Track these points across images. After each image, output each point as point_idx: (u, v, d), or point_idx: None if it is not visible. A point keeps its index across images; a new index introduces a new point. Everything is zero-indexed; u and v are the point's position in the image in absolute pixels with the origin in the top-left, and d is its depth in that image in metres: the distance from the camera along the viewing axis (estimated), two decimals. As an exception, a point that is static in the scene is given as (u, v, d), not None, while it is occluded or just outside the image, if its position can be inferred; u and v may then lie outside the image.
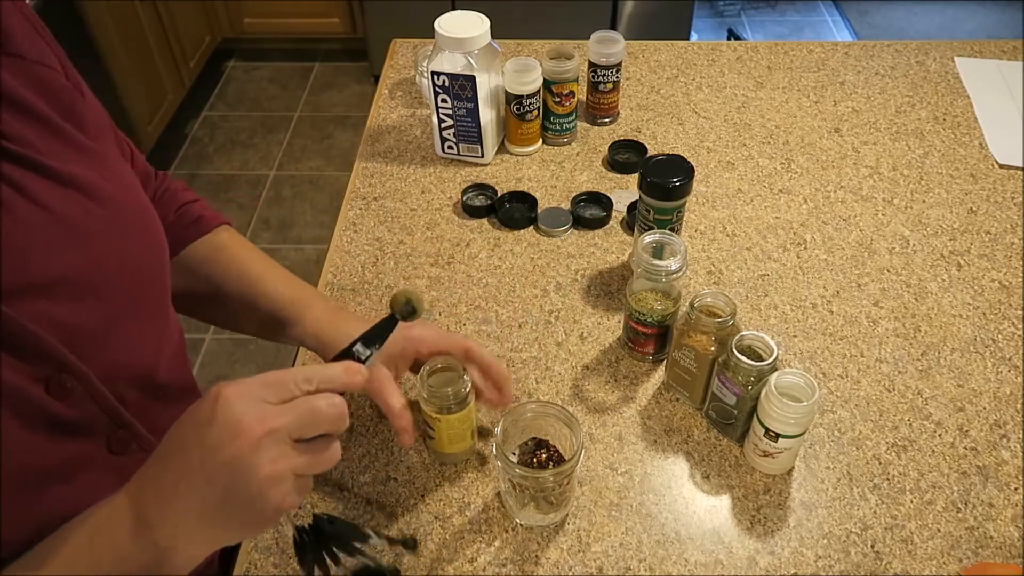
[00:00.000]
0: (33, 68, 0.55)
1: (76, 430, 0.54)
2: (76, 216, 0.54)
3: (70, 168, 0.54)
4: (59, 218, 0.53)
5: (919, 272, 1.01)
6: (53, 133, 0.55)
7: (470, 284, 1.01)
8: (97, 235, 0.55)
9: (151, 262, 0.61)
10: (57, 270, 0.52)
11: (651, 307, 0.86)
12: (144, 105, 2.53)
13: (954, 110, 1.28)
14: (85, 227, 0.54)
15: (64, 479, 0.54)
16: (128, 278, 0.58)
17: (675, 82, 1.36)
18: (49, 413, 0.52)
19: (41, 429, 0.52)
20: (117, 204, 0.58)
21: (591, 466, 0.81)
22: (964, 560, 0.73)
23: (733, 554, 0.74)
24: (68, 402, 0.53)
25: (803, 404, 0.72)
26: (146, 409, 0.61)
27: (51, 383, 0.52)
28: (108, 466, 0.57)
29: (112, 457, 0.58)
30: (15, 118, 0.52)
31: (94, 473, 0.56)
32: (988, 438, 0.83)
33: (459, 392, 0.74)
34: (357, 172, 1.20)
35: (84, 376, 0.54)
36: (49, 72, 0.57)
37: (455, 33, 1.05)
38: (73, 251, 0.53)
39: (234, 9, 3.02)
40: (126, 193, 0.60)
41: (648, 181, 0.90)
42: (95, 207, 0.56)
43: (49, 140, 0.54)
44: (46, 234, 0.52)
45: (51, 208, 0.52)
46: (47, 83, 0.56)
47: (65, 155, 0.55)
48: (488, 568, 0.73)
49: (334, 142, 2.89)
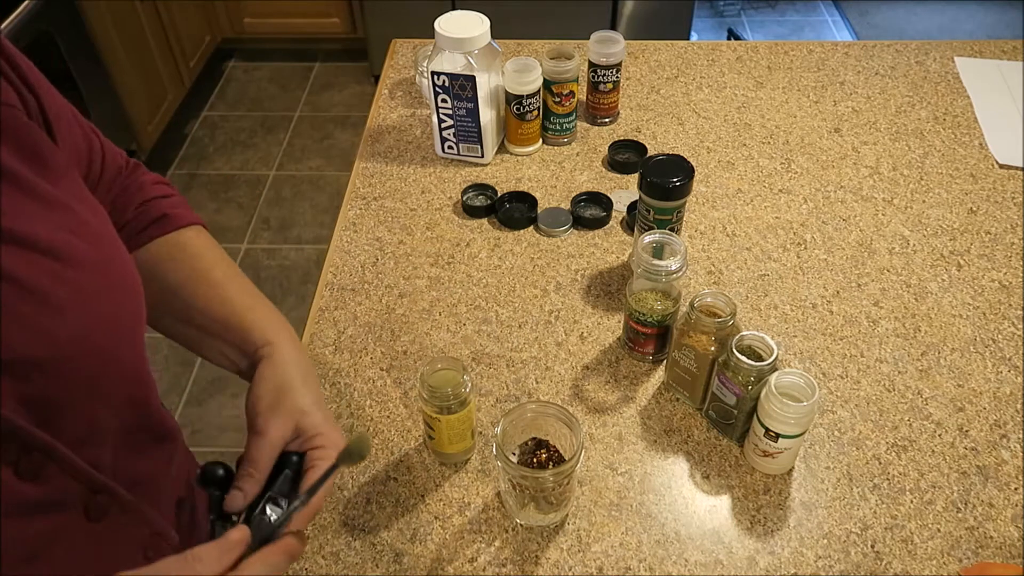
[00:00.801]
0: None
1: (51, 506, 0.50)
2: (45, 286, 0.49)
3: (36, 230, 0.50)
4: (28, 290, 0.48)
5: (919, 272, 1.01)
6: (17, 188, 0.50)
7: (470, 284, 1.01)
8: (67, 304, 0.50)
9: (126, 319, 0.57)
10: (30, 348, 0.48)
11: (651, 307, 0.86)
12: (144, 105, 2.53)
13: (954, 110, 1.28)
14: (55, 297, 0.50)
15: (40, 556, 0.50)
16: (102, 342, 0.53)
17: (675, 82, 1.36)
18: (21, 497, 0.48)
19: (13, 513, 0.48)
20: (89, 263, 0.53)
21: (591, 466, 0.81)
22: (964, 560, 0.73)
23: (733, 554, 0.74)
24: (39, 481, 0.49)
25: (803, 404, 0.72)
26: (122, 464, 0.58)
27: (19, 466, 0.48)
28: (86, 533, 0.54)
29: (91, 525, 0.54)
30: None
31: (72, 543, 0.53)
32: (988, 438, 0.83)
33: (459, 392, 0.74)
34: (357, 172, 1.20)
35: (55, 450, 0.50)
36: (9, 111, 0.52)
37: (455, 33, 1.05)
38: (42, 325, 0.49)
39: (234, 9, 3.02)
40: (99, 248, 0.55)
41: (648, 181, 0.90)
42: (64, 271, 0.51)
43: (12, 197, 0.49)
44: (15, 309, 0.47)
45: (19, 279, 0.48)
46: (7, 126, 0.51)
47: (30, 214, 0.50)
48: (488, 568, 0.73)
49: (334, 142, 2.89)
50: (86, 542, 0.54)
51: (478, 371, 0.91)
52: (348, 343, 0.94)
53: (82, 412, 0.52)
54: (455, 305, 0.99)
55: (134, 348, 0.58)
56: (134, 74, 2.45)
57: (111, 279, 0.56)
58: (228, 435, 1.97)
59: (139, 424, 0.61)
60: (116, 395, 0.56)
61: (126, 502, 0.57)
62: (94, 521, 0.54)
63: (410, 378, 0.90)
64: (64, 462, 0.51)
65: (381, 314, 0.98)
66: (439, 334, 0.95)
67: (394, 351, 0.93)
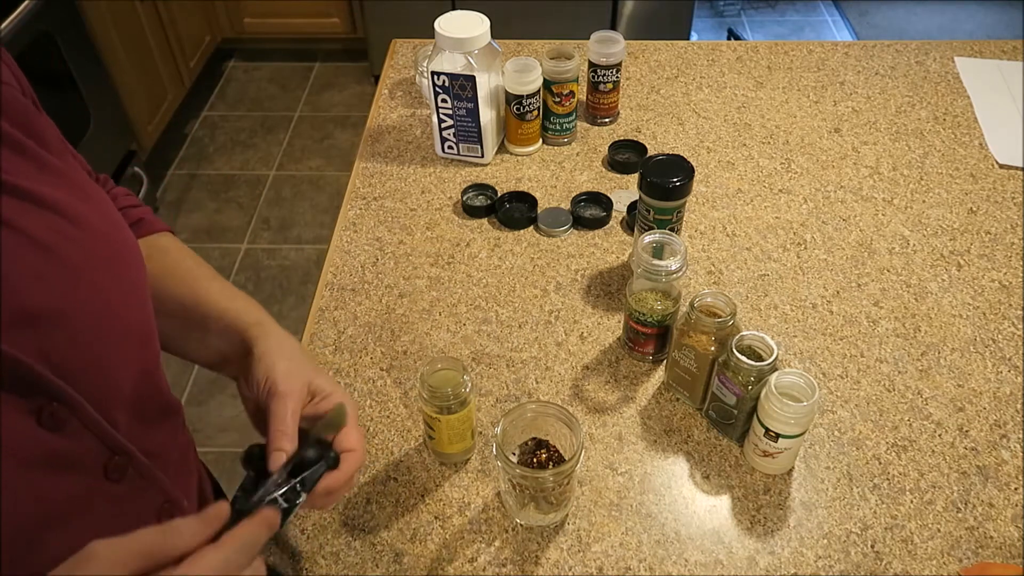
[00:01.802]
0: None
1: (72, 462, 0.52)
2: (56, 242, 0.51)
3: (44, 190, 0.52)
4: (40, 245, 0.50)
5: (919, 272, 1.01)
6: (20, 154, 0.52)
7: (470, 284, 1.01)
8: (79, 261, 0.53)
9: (133, 286, 0.59)
10: (41, 299, 0.49)
11: (651, 307, 0.86)
12: (144, 105, 2.53)
13: (954, 110, 1.28)
14: (67, 253, 0.52)
15: (62, 516, 0.51)
16: (112, 304, 0.55)
17: (675, 82, 1.36)
18: (45, 448, 0.49)
19: (37, 467, 0.49)
20: (95, 227, 0.55)
21: (591, 466, 0.81)
22: (964, 560, 0.73)
23: (733, 554, 0.74)
24: (62, 433, 0.50)
25: (803, 404, 0.72)
26: (137, 432, 0.59)
27: (43, 416, 0.49)
28: (105, 495, 0.55)
29: (110, 485, 0.55)
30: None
31: (90, 504, 0.54)
32: (988, 438, 0.83)
33: (459, 392, 0.74)
34: (357, 172, 1.20)
35: (77, 404, 0.51)
36: (10, 91, 0.54)
37: (455, 33, 1.05)
38: (54, 279, 0.51)
39: (234, 9, 3.02)
40: (103, 215, 0.57)
41: (648, 181, 0.90)
42: (74, 231, 0.53)
43: (21, 163, 0.51)
44: (26, 261, 0.49)
45: (29, 233, 0.50)
46: (11, 104, 0.53)
47: (38, 178, 0.52)
48: (488, 568, 0.73)
49: (334, 142, 2.89)
50: (104, 505, 0.55)
51: (478, 371, 0.91)
52: (348, 343, 0.94)
53: (98, 372, 0.54)
54: (455, 305, 0.99)
55: (143, 313, 0.60)
56: (134, 74, 2.45)
57: (117, 245, 0.58)
58: (228, 435, 1.96)
59: (149, 394, 0.62)
60: (128, 360, 0.58)
61: (142, 466, 0.58)
62: (113, 482, 0.56)
63: (410, 378, 0.90)
64: (85, 416, 0.52)
65: (381, 314, 0.98)
66: (439, 334, 0.95)
67: (394, 351, 0.93)
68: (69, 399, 0.51)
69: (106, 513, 0.55)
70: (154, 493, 0.61)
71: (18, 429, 0.47)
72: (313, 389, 0.65)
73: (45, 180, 0.53)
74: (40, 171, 0.53)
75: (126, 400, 0.58)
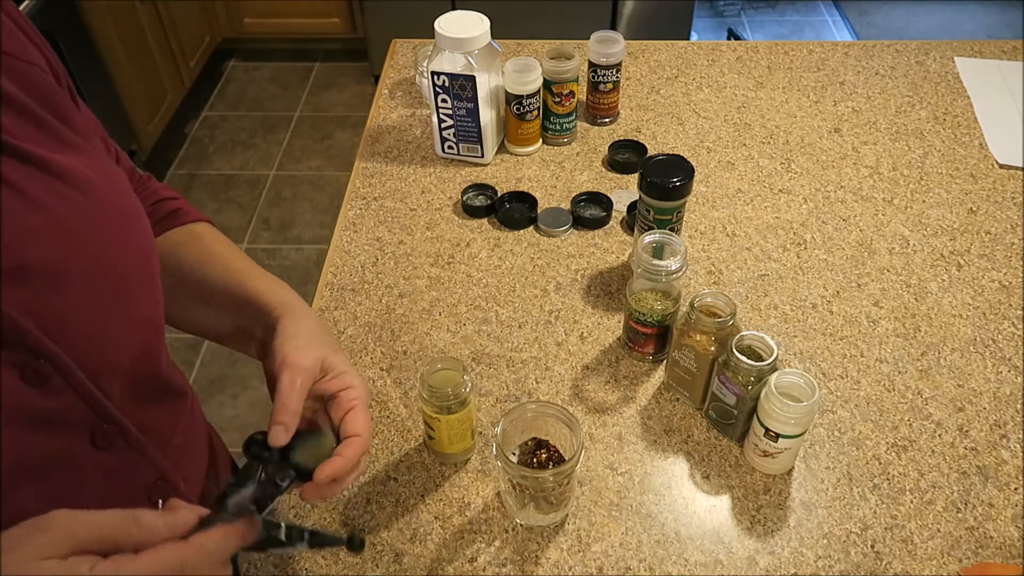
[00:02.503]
0: (19, 66, 0.55)
1: (55, 422, 0.52)
2: (56, 206, 0.52)
3: (53, 157, 0.53)
4: (40, 206, 0.51)
5: (919, 272, 1.01)
6: (38, 126, 0.54)
7: (470, 284, 1.01)
8: (79, 225, 0.54)
9: (137, 257, 0.59)
10: (33, 256, 0.50)
11: (651, 307, 0.86)
12: (144, 105, 2.53)
13: (954, 110, 1.28)
14: (67, 216, 0.53)
15: (42, 475, 0.52)
16: (109, 270, 0.56)
17: (675, 82, 1.36)
18: (24, 403, 0.50)
19: (16, 421, 0.49)
20: (102, 196, 0.56)
21: (591, 466, 0.81)
22: (964, 560, 0.73)
23: (733, 554, 0.74)
24: (45, 391, 0.51)
25: (803, 404, 0.72)
26: (133, 407, 0.59)
27: (26, 370, 0.50)
28: (92, 462, 0.55)
29: (96, 453, 0.56)
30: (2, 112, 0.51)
31: (75, 469, 0.54)
32: (988, 438, 0.83)
33: (459, 392, 0.74)
34: (357, 172, 1.20)
35: (63, 364, 0.51)
36: (36, 71, 0.56)
37: (455, 33, 1.05)
38: (49, 238, 0.51)
39: (234, 9, 3.02)
40: (112, 186, 0.59)
41: (648, 181, 0.90)
42: (79, 197, 0.54)
43: (33, 131, 0.53)
44: (24, 221, 0.50)
45: (27, 193, 0.51)
46: (34, 81, 0.55)
47: (50, 146, 0.54)
48: (488, 568, 0.73)
49: (334, 142, 2.89)
50: (91, 472, 0.55)
51: (478, 371, 0.91)
52: (348, 343, 0.94)
53: (92, 336, 0.54)
54: (455, 305, 0.99)
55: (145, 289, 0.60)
56: (134, 74, 2.45)
57: (124, 217, 0.59)
58: (228, 435, 1.95)
59: (149, 371, 0.63)
60: (127, 332, 0.58)
61: (134, 439, 0.58)
62: (100, 450, 0.56)
63: (410, 378, 0.90)
64: (72, 378, 0.52)
65: (381, 314, 0.98)
66: (439, 334, 0.95)
67: (394, 351, 0.93)
68: (55, 358, 0.51)
69: (94, 481, 0.55)
70: (146, 469, 0.61)
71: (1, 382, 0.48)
72: (327, 366, 0.64)
73: (56, 148, 0.54)
74: (53, 141, 0.54)
75: (123, 372, 0.58)
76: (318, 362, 0.63)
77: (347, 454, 0.60)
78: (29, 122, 0.53)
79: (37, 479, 0.52)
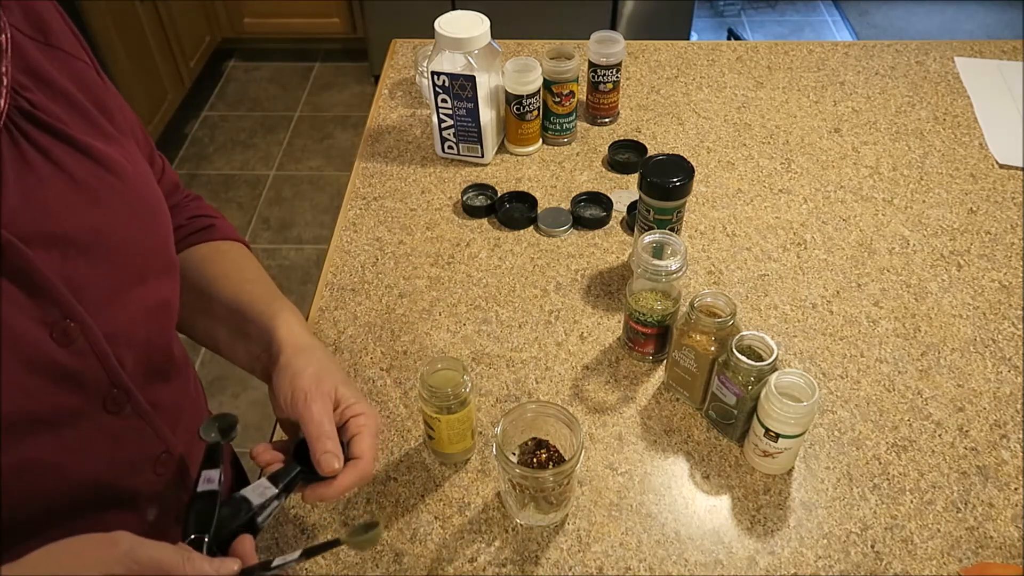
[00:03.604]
0: (69, 61, 0.61)
1: (73, 381, 0.55)
2: (92, 183, 0.58)
3: (92, 142, 0.58)
4: (77, 182, 0.56)
5: (919, 272, 1.01)
6: (81, 115, 0.59)
7: (470, 284, 1.01)
8: (110, 203, 0.59)
9: (156, 239, 0.64)
10: (70, 226, 0.55)
11: (651, 307, 0.86)
12: (144, 105, 2.53)
13: (954, 110, 1.28)
14: (99, 194, 0.58)
15: (53, 428, 0.55)
16: (134, 248, 0.60)
17: (675, 82, 1.36)
18: (50, 359, 0.53)
19: (39, 373, 0.53)
20: (130, 180, 0.61)
21: (591, 466, 0.81)
22: (964, 560, 0.73)
23: (733, 554, 0.74)
24: (70, 350, 0.54)
25: (803, 404, 0.72)
26: (142, 379, 0.63)
27: (55, 329, 0.53)
28: (100, 424, 0.59)
29: (106, 415, 0.59)
30: (48, 97, 0.57)
31: (85, 428, 0.57)
32: (988, 438, 0.83)
33: (459, 392, 0.74)
34: (357, 172, 1.20)
35: (88, 328, 0.55)
36: (82, 66, 0.62)
37: (455, 33, 1.05)
38: (86, 213, 0.57)
39: (234, 9, 3.02)
40: (140, 174, 0.63)
41: (648, 181, 0.90)
42: (111, 178, 0.59)
43: (76, 119, 0.58)
44: (63, 194, 0.55)
45: (71, 173, 0.56)
46: (80, 75, 0.61)
47: (89, 132, 0.59)
48: (488, 568, 0.73)
49: (334, 142, 2.89)
50: (100, 434, 0.59)
51: (478, 371, 0.91)
52: (348, 343, 0.94)
53: (113, 307, 0.58)
54: (455, 305, 0.99)
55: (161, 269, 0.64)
56: (134, 74, 2.45)
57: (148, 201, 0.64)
58: (228, 435, 1.96)
59: (160, 351, 0.66)
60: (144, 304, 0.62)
61: (141, 408, 0.62)
62: (111, 413, 0.59)
63: (410, 378, 0.90)
64: (94, 340, 0.56)
65: (381, 314, 0.98)
66: (439, 334, 0.95)
67: (394, 351, 0.93)
68: (82, 320, 0.55)
69: (97, 438, 0.59)
70: (152, 440, 0.64)
71: (32, 336, 0.52)
72: (338, 397, 0.67)
73: (98, 137, 0.60)
74: (97, 131, 0.60)
75: (138, 345, 0.62)
76: (331, 402, 0.66)
77: (341, 481, 0.63)
78: (78, 113, 0.59)
79: (49, 432, 0.55)
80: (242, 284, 0.75)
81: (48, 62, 0.58)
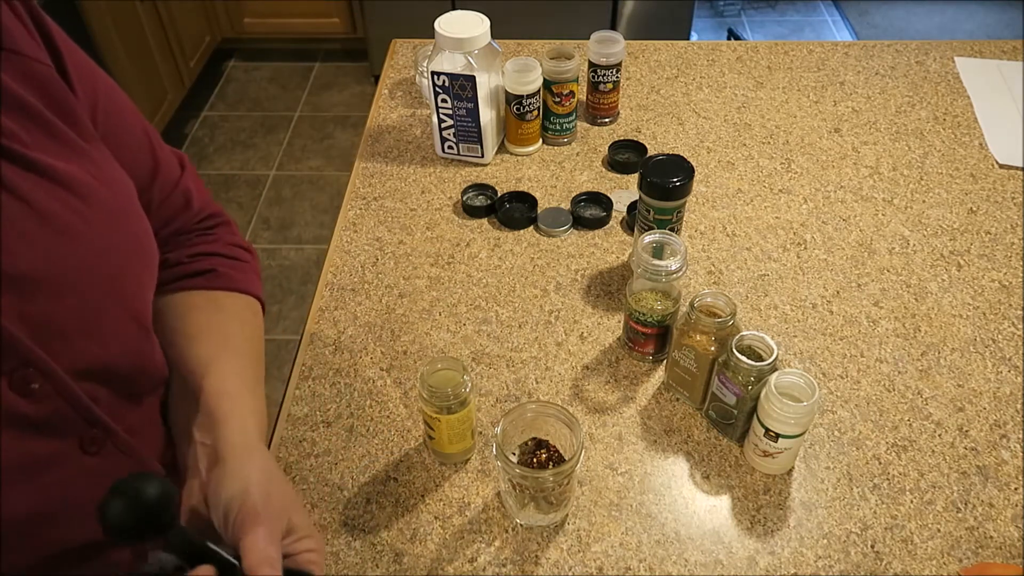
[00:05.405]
0: (27, 64, 0.55)
1: (44, 429, 0.52)
2: (56, 211, 0.52)
3: (55, 163, 0.53)
4: (38, 212, 0.51)
5: (919, 272, 1.01)
6: (43, 129, 0.54)
7: (470, 284, 1.01)
8: (76, 231, 0.54)
9: (131, 263, 0.59)
10: (28, 264, 0.51)
11: (651, 307, 0.86)
12: (144, 105, 2.53)
13: (954, 110, 1.28)
14: (64, 222, 0.53)
15: (28, 478, 0.52)
16: (105, 276, 0.56)
17: (675, 82, 1.36)
18: (13, 410, 0.50)
19: (7, 426, 0.50)
20: (102, 203, 0.56)
21: (591, 466, 0.81)
22: (964, 560, 0.73)
23: (733, 554, 0.74)
24: (32, 399, 0.51)
25: (803, 404, 0.72)
26: (118, 408, 0.60)
27: (14, 377, 0.50)
28: (80, 467, 0.56)
29: (85, 457, 0.56)
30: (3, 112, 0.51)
31: (64, 473, 0.55)
32: (988, 438, 0.83)
33: (459, 392, 0.74)
34: (357, 172, 1.20)
35: (51, 373, 0.52)
36: (43, 69, 0.56)
37: (455, 33, 1.05)
38: (49, 246, 0.52)
39: (234, 9, 3.02)
40: (114, 194, 0.58)
41: (648, 181, 0.90)
42: (78, 203, 0.54)
43: (37, 135, 0.53)
44: (22, 227, 0.50)
45: (30, 201, 0.51)
46: (40, 79, 0.55)
47: (53, 151, 0.54)
48: (488, 568, 0.73)
49: (334, 142, 2.89)
50: (81, 476, 0.56)
51: (478, 371, 0.91)
52: (348, 343, 0.94)
53: (82, 345, 0.54)
54: (455, 305, 0.99)
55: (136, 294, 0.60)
56: (134, 74, 2.45)
57: (122, 224, 0.58)
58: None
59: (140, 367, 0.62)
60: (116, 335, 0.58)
61: (122, 441, 0.58)
62: (89, 455, 0.56)
63: (410, 378, 0.90)
64: (59, 383, 0.52)
65: (381, 314, 0.98)
66: (439, 334, 0.95)
67: (394, 351, 0.93)
68: (42, 366, 0.51)
69: (84, 484, 0.56)
70: (133, 467, 0.60)
71: None
72: (291, 526, 0.57)
73: (63, 155, 0.54)
74: (57, 144, 0.54)
75: (110, 375, 0.58)
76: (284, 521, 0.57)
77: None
78: (32, 124, 0.53)
79: (27, 482, 0.52)
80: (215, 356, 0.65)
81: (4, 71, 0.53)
